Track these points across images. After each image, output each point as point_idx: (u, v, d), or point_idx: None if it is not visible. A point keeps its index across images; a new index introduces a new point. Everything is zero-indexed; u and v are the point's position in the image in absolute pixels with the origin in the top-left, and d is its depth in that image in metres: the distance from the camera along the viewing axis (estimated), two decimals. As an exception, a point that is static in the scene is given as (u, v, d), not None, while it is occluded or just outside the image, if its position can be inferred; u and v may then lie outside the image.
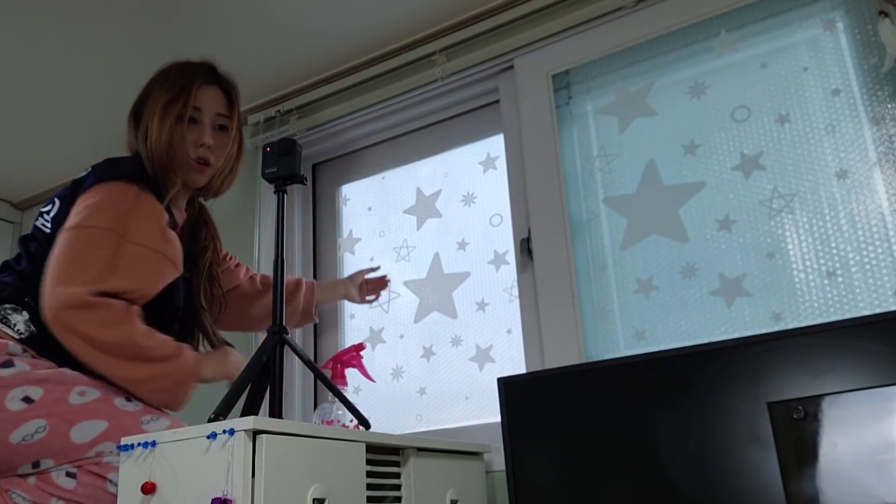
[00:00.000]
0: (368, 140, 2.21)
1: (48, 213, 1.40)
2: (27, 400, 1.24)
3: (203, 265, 1.60)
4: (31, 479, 1.24)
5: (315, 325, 2.15)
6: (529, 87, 1.86)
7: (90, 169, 1.41)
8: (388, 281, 2.01)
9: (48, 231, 1.36)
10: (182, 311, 1.49)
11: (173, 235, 1.42)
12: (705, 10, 1.65)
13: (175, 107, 1.47)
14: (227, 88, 1.58)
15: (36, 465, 1.24)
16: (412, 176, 2.14)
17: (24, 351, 1.29)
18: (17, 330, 1.30)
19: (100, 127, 2.38)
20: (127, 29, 1.94)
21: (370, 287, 1.99)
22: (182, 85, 1.50)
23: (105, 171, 1.38)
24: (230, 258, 1.82)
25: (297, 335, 2.10)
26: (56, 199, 1.40)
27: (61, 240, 1.31)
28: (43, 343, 1.29)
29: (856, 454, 0.99)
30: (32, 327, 1.30)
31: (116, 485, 1.21)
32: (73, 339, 1.25)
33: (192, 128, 1.51)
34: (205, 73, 1.54)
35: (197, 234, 1.62)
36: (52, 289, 1.25)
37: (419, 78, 2.02)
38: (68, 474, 1.26)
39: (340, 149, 2.25)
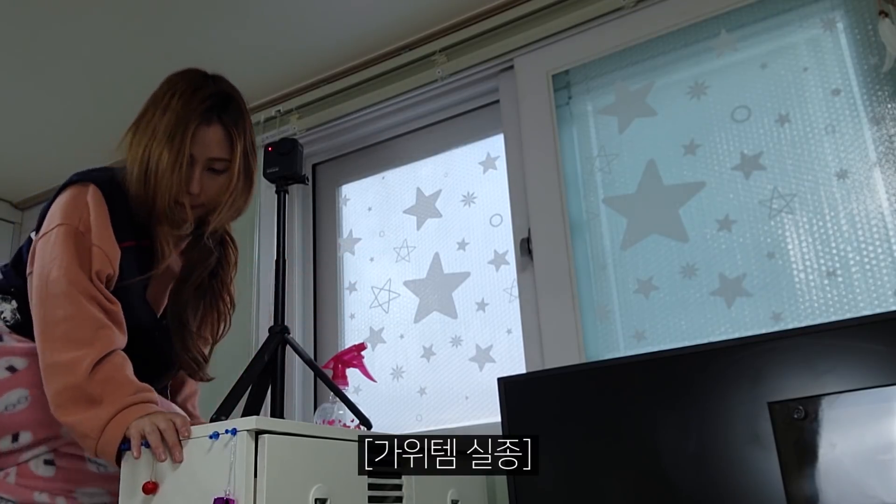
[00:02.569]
0: (368, 140, 2.21)
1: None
2: (11, 369, 1.26)
3: (193, 277, 1.44)
4: (11, 478, 1.24)
5: (315, 325, 2.16)
6: (529, 87, 1.86)
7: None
8: None
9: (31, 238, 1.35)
10: (146, 330, 1.37)
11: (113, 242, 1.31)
12: (705, 10, 1.65)
13: (180, 154, 1.32)
14: (229, 127, 1.38)
15: (15, 437, 1.24)
16: (412, 176, 2.14)
17: (11, 335, 1.31)
18: (4, 318, 1.32)
19: (100, 127, 2.38)
20: (127, 29, 1.94)
21: None
22: (184, 126, 1.34)
23: (67, 180, 1.34)
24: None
25: (298, 336, 2.10)
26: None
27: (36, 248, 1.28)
28: (29, 331, 1.28)
29: (856, 454, 0.99)
30: (18, 315, 1.32)
31: (96, 462, 1.22)
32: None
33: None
34: (205, 113, 1.36)
35: (198, 251, 1.47)
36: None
37: (419, 78, 2.02)
38: (46, 462, 1.26)
39: (340, 149, 2.25)
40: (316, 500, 1.06)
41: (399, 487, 1.27)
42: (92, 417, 1.12)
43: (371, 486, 1.19)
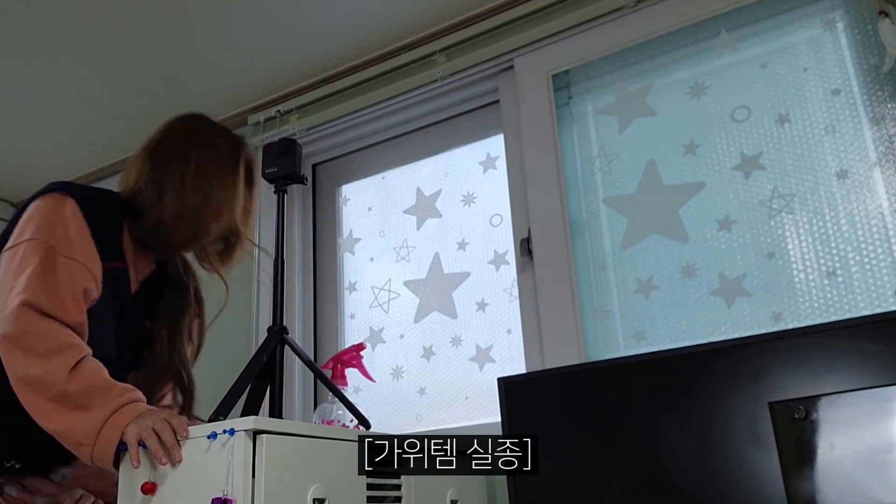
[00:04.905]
0: (368, 140, 2.21)
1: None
2: None
3: (165, 314, 1.42)
4: None
5: (315, 325, 2.15)
6: (529, 87, 1.85)
7: None
8: None
9: None
10: (115, 362, 1.27)
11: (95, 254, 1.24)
12: (705, 10, 1.65)
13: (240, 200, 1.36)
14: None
15: None
16: (412, 176, 2.14)
17: None
18: None
19: (99, 127, 2.38)
20: (127, 29, 1.94)
21: None
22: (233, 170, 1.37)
23: (44, 187, 1.28)
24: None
25: (298, 336, 2.10)
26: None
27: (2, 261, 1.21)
28: None
29: (856, 454, 0.98)
30: None
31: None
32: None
33: None
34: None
35: (174, 285, 1.45)
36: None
37: (419, 78, 2.02)
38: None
39: (340, 149, 2.25)
40: (314, 500, 1.05)
41: (398, 487, 1.26)
42: (83, 423, 1.07)
43: (370, 486, 1.19)
